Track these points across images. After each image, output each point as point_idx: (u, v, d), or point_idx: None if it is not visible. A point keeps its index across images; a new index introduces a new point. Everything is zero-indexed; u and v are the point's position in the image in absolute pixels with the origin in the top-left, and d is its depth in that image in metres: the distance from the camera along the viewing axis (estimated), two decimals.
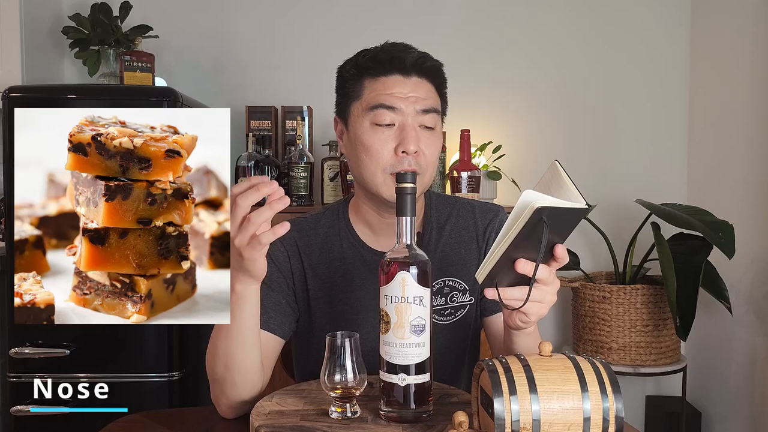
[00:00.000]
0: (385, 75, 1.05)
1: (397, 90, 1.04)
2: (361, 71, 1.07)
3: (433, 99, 1.07)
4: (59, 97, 2.01)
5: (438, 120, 1.08)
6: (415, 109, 1.04)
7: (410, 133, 1.03)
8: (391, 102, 1.03)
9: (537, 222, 0.74)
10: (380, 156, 1.04)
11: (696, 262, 1.98)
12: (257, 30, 2.58)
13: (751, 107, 2.16)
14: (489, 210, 1.18)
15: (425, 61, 1.06)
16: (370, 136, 1.04)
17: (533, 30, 2.58)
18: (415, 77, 1.05)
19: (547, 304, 0.87)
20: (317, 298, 1.13)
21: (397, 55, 1.05)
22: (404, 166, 1.02)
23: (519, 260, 0.80)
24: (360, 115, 1.06)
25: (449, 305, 1.12)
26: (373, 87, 1.05)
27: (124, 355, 2.02)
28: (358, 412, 0.87)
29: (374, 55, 1.06)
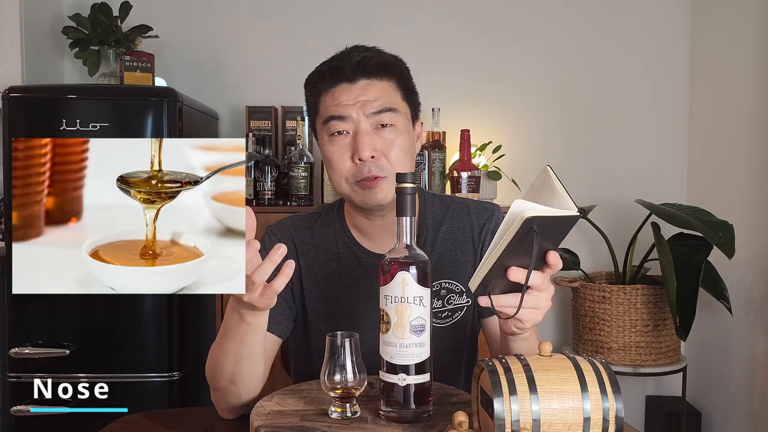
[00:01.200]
0: (332, 86, 1.05)
1: (343, 98, 1.03)
2: (314, 87, 1.08)
3: (386, 97, 1.04)
4: (59, 97, 2.01)
5: (397, 116, 1.05)
6: (365, 113, 1.03)
7: (362, 139, 1.02)
8: (339, 112, 1.03)
9: (527, 231, 0.75)
10: (340, 166, 1.04)
11: (696, 262, 1.98)
12: (257, 30, 2.58)
13: (752, 107, 2.16)
14: (485, 210, 1.17)
15: (368, 61, 1.04)
16: (329, 149, 1.06)
17: (533, 30, 2.57)
18: (362, 80, 1.04)
19: (542, 311, 0.86)
20: (312, 297, 1.13)
21: (336, 65, 1.04)
22: (364, 173, 1.02)
23: (511, 268, 0.80)
24: (320, 129, 1.08)
25: (446, 307, 1.11)
26: (325, 100, 1.06)
27: (124, 355, 2.02)
28: (358, 412, 0.87)
29: (320, 69, 1.07)
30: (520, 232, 0.74)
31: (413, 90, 1.11)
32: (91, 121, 1.97)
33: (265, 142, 2.29)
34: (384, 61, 1.06)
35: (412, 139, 1.09)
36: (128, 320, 2.03)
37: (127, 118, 2.01)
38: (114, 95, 2.06)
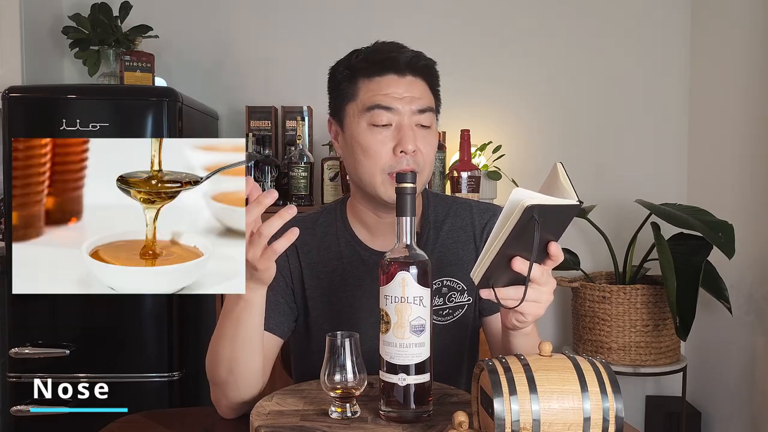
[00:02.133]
0: (379, 75, 1.04)
1: (392, 90, 1.04)
2: (354, 72, 1.06)
3: (427, 98, 1.07)
4: (59, 97, 2.01)
5: (433, 119, 1.08)
6: (411, 109, 1.04)
7: (407, 132, 1.03)
8: (388, 102, 1.03)
9: (528, 220, 0.75)
10: (378, 156, 1.03)
11: (696, 262, 1.98)
12: (257, 30, 2.58)
13: (751, 107, 2.16)
14: (486, 210, 1.18)
15: (419, 60, 1.06)
16: (367, 137, 1.04)
17: (533, 30, 2.57)
18: (409, 76, 1.05)
19: (544, 304, 0.86)
20: (314, 297, 1.13)
21: (390, 55, 1.04)
22: (403, 165, 1.03)
23: (515, 258, 0.80)
24: (356, 116, 1.06)
25: (447, 305, 1.12)
26: (368, 87, 1.05)
27: (124, 355, 2.02)
28: (358, 412, 0.87)
29: (367, 55, 1.06)
30: (521, 221, 0.74)
31: (439, 97, 1.13)
32: (91, 121, 1.97)
33: (265, 142, 2.29)
34: (429, 63, 1.08)
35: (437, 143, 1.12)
36: (128, 320, 2.03)
37: (127, 118, 2.01)
38: (114, 95, 2.06)
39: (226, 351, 0.96)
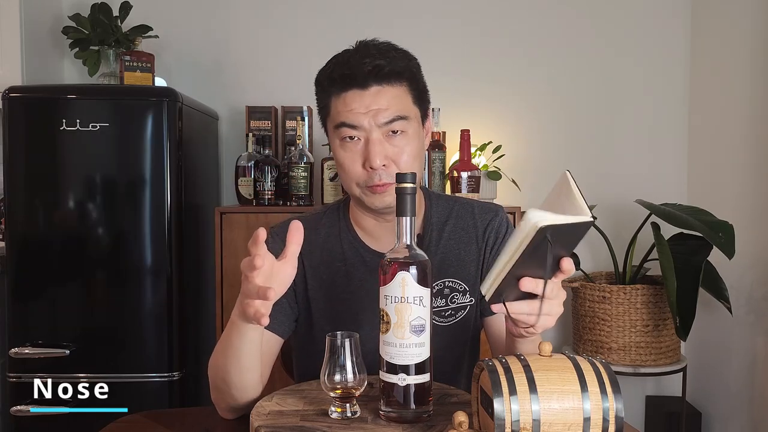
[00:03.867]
0: (344, 91, 1.04)
1: (355, 106, 1.02)
2: (324, 90, 1.08)
3: (397, 105, 1.03)
4: (59, 97, 2.01)
5: (408, 123, 1.05)
6: (377, 123, 1.02)
7: (374, 148, 1.02)
8: (350, 120, 1.03)
9: (541, 240, 0.74)
10: (352, 172, 1.05)
11: (696, 262, 1.98)
12: (257, 30, 2.58)
13: (751, 107, 2.16)
14: (489, 210, 1.18)
15: (381, 68, 1.02)
16: (340, 154, 1.06)
17: (533, 30, 2.57)
18: (374, 87, 1.02)
19: (554, 316, 0.87)
20: (317, 298, 1.13)
21: (348, 72, 1.02)
22: (375, 180, 1.03)
23: (524, 279, 0.80)
24: (331, 131, 1.08)
25: (449, 306, 1.12)
26: (336, 104, 1.05)
27: (124, 355, 2.02)
28: (358, 412, 0.87)
29: (330, 72, 1.05)
30: (534, 241, 0.74)
31: (424, 90, 1.10)
32: (91, 121, 1.97)
33: (265, 142, 2.29)
34: (395, 68, 1.04)
35: (422, 142, 1.10)
36: (128, 320, 2.03)
37: (127, 118, 2.01)
38: (114, 95, 2.06)
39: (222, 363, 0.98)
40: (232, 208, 2.18)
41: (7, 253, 2.01)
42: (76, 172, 2.01)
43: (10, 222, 2.01)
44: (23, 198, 2.00)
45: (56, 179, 2.00)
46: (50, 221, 2.02)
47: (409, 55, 1.09)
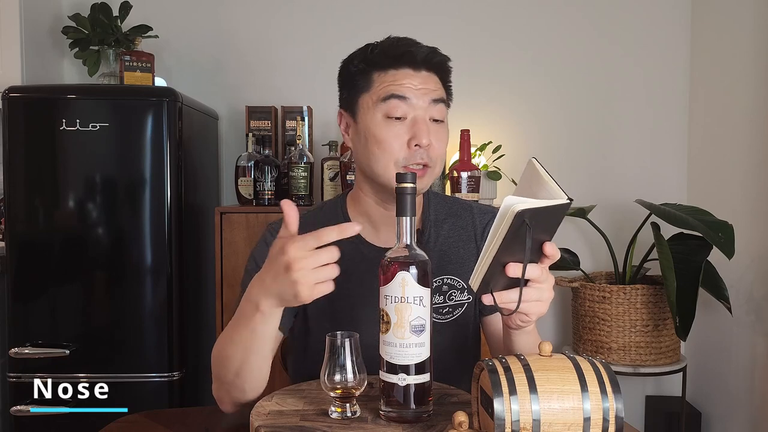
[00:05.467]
0: (395, 68, 1.06)
1: (407, 81, 1.05)
2: (369, 65, 1.07)
3: (441, 91, 1.09)
4: (59, 97, 2.01)
5: (446, 112, 1.10)
6: (426, 101, 1.06)
7: (422, 126, 1.04)
8: (403, 92, 1.04)
9: (520, 225, 0.75)
10: (393, 149, 1.04)
11: (696, 262, 1.98)
12: (257, 30, 2.58)
13: (751, 107, 2.16)
14: (487, 211, 1.19)
15: (434, 56, 1.08)
16: (382, 129, 1.05)
17: (534, 30, 2.57)
18: (424, 71, 1.07)
19: (546, 302, 0.87)
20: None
21: (408, 50, 1.06)
22: (416, 159, 1.04)
23: (509, 265, 0.80)
24: (370, 107, 1.06)
25: (448, 303, 1.12)
26: (383, 79, 1.06)
27: (124, 355, 2.02)
28: (357, 412, 0.87)
29: (384, 49, 1.07)
30: (513, 226, 0.75)
31: (451, 93, 1.16)
32: (91, 121, 1.97)
33: (265, 142, 2.29)
34: (443, 59, 1.11)
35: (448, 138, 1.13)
36: (128, 320, 2.03)
37: (127, 118, 2.01)
38: (114, 95, 2.06)
39: (238, 354, 0.95)
40: (232, 208, 2.18)
41: (7, 253, 2.01)
42: (76, 172, 2.01)
43: (10, 222, 2.01)
44: (23, 198, 2.00)
45: (56, 179, 2.00)
46: (50, 221, 2.02)
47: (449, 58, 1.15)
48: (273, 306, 0.88)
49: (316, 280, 0.82)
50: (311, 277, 0.82)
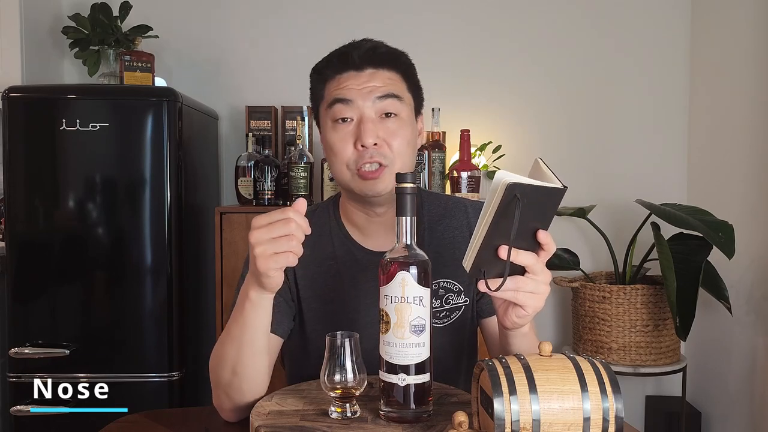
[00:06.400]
0: (339, 73, 1.06)
1: (349, 83, 1.05)
2: (321, 75, 1.09)
3: (392, 85, 1.05)
4: (59, 97, 2.01)
5: (402, 106, 1.06)
6: (371, 99, 1.04)
7: (367, 125, 1.03)
8: (344, 95, 1.04)
9: (511, 199, 0.74)
10: (342, 152, 1.04)
11: (696, 262, 1.98)
12: (257, 30, 2.58)
13: (751, 107, 2.16)
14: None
15: (376, 50, 1.06)
16: (332, 135, 1.06)
17: (534, 30, 2.57)
18: (369, 69, 1.05)
19: (542, 295, 0.86)
20: (308, 297, 1.12)
21: (345, 52, 1.06)
22: (365, 159, 1.03)
23: (501, 246, 0.80)
24: (324, 115, 1.08)
25: (444, 307, 1.11)
26: (330, 86, 1.07)
27: (124, 355, 2.02)
28: (357, 412, 0.87)
29: (327, 57, 1.08)
30: (504, 200, 0.74)
31: (418, 85, 1.12)
32: (91, 121, 1.97)
33: (265, 142, 2.29)
34: (392, 52, 1.08)
35: (415, 133, 1.10)
36: (128, 320, 2.03)
37: (127, 118, 2.01)
38: (114, 95, 2.06)
39: (232, 351, 0.96)
40: (232, 208, 2.18)
41: (7, 253, 2.01)
42: (76, 172, 2.01)
43: (10, 222, 2.01)
44: (23, 198, 2.00)
45: (56, 179, 2.00)
46: (50, 221, 2.02)
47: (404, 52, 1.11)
48: (257, 291, 0.90)
49: (272, 250, 0.84)
50: (267, 249, 0.84)
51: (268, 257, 0.85)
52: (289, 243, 0.84)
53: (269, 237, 0.84)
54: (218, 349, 1.00)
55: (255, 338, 0.95)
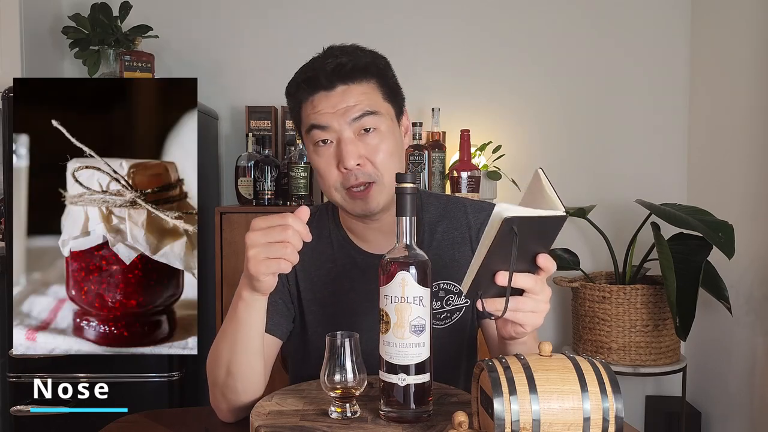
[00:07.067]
0: (310, 95, 1.03)
1: (322, 107, 1.02)
2: (294, 99, 1.07)
3: (367, 101, 1.02)
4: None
5: (380, 119, 1.03)
6: (347, 120, 1.01)
7: (347, 147, 1.00)
8: (319, 121, 1.02)
9: (508, 232, 0.75)
10: (328, 176, 1.04)
11: (696, 262, 1.98)
12: (257, 30, 2.58)
13: (751, 107, 2.16)
14: (482, 209, 1.17)
15: (342, 67, 1.01)
16: (315, 159, 1.06)
17: (534, 30, 2.57)
18: (339, 86, 1.01)
19: (541, 313, 0.86)
20: (308, 300, 1.12)
21: (311, 75, 1.02)
22: (351, 181, 1.02)
23: (498, 273, 0.80)
24: (305, 138, 1.07)
25: (445, 308, 1.11)
26: (305, 109, 1.05)
27: (124, 355, 2.01)
28: (357, 412, 0.87)
29: (295, 79, 1.06)
30: (501, 233, 0.74)
31: (395, 86, 1.09)
32: None
33: (265, 142, 2.29)
34: (359, 64, 1.03)
35: (399, 139, 1.07)
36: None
37: None
38: None
39: (226, 351, 0.96)
40: (232, 208, 2.18)
41: (7, 253, 2.00)
42: None
43: (10, 222, 2.01)
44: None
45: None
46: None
47: (376, 53, 1.07)
48: (249, 292, 0.91)
49: (265, 255, 0.84)
50: (261, 253, 0.84)
51: (260, 261, 0.85)
52: (284, 250, 0.84)
53: (264, 241, 0.84)
54: (214, 348, 1.00)
55: (248, 338, 0.94)
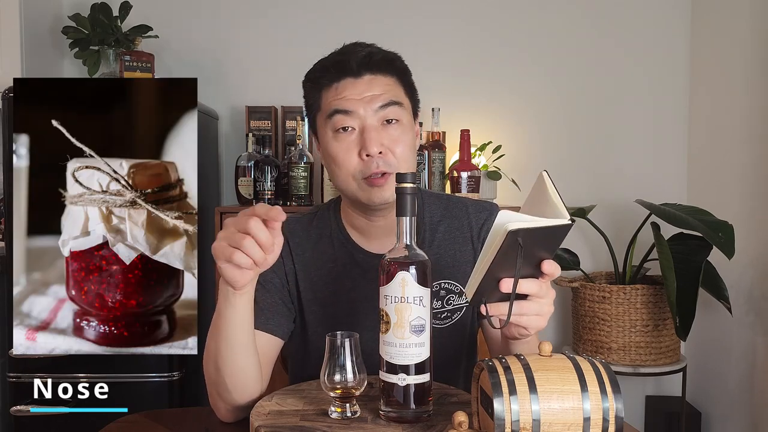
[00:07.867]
0: (336, 81, 1.04)
1: (348, 93, 1.02)
2: (315, 83, 1.06)
3: (392, 92, 1.04)
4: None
5: (403, 112, 1.05)
6: (373, 108, 1.02)
7: (370, 134, 1.01)
8: (344, 106, 1.02)
9: (513, 243, 0.75)
10: (347, 163, 1.03)
11: (696, 262, 1.98)
12: (257, 30, 2.58)
13: (751, 107, 2.16)
14: (483, 209, 1.17)
15: (372, 56, 1.03)
16: (334, 146, 1.04)
17: (534, 30, 2.57)
18: (367, 75, 1.03)
19: (545, 316, 0.86)
20: (309, 299, 1.12)
21: (341, 59, 1.03)
22: (372, 169, 1.01)
23: (503, 281, 0.80)
24: (323, 125, 1.06)
25: (446, 308, 1.11)
26: (328, 95, 1.04)
27: (124, 355, 2.01)
28: (357, 412, 0.87)
29: (322, 64, 1.06)
30: (505, 244, 0.74)
31: (414, 88, 1.11)
32: None
33: (265, 142, 2.29)
34: (388, 57, 1.06)
35: (414, 137, 1.09)
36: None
37: None
38: None
39: (213, 347, 0.97)
40: (232, 208, 2.17)
41: (7, 253, 2.00)
42: None
43: (10, 222, 2.01)
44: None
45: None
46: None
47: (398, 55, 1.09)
48: (225, 286, 0.89)
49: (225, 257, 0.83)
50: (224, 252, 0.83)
51: (221, 260, 0.84)
52: (239, 258, 0.82)
53: (226, 243, 0.83)
54: (206, 345, 1.00)
55: (233, 334, 0.93)
